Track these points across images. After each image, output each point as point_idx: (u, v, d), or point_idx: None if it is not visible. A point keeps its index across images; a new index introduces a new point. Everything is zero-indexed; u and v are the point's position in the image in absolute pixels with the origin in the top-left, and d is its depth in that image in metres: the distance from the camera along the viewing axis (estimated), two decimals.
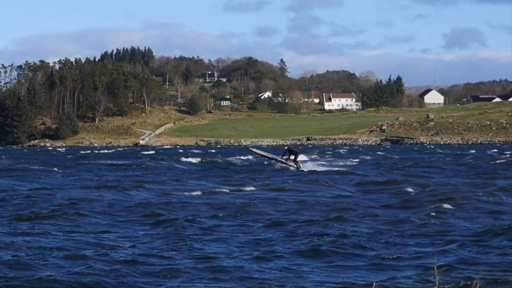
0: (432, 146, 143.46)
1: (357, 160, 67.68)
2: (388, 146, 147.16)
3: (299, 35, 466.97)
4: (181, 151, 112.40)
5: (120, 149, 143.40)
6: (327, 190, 32.48)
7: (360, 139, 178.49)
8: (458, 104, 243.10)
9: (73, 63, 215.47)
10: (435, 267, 12.56)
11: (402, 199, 28.49)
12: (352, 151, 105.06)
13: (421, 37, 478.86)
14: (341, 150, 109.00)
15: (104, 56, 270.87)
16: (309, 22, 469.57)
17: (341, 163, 57.93)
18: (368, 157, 76.34)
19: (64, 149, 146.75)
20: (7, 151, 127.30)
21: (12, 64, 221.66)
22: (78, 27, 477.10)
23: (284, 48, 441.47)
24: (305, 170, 46.92)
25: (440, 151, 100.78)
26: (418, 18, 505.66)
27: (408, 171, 46.96)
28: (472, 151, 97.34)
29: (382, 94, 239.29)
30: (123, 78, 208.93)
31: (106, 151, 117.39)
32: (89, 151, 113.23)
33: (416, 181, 37.13)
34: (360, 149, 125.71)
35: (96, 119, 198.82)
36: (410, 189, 31.87)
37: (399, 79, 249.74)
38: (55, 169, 52.36)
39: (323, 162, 58.17)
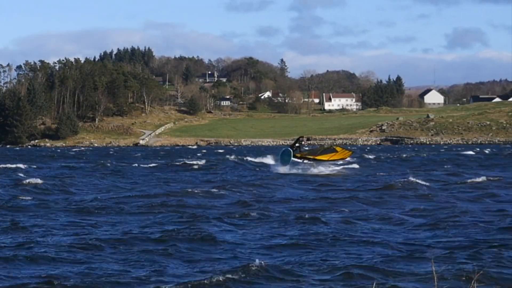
0: (446, 146, 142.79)
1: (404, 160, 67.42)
2: (412, 148, 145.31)
3: (301, 35, 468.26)
4: (204, 151, 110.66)
5: (139, 148, 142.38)
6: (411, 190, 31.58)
7: (360, 139, 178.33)
8: (458, 104, 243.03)
9: (73, 63, 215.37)
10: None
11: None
12: (373, 150, 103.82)
13: (423, 37, 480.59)
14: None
15: (104, 56, 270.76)
16: (311, 22, 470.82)
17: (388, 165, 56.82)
18: (405, 155, 75.67)
19: (82, 148, 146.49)
20: (30, 152, 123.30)
21: (8, 64, 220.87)
22: (79, 27, 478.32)
23: (285, 48, 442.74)
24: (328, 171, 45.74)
25: (471, 152, 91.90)
26: (420, 18, 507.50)
27: (479, 170, 45.44)
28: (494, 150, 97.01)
29: (382, 94, 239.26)
30: (123, 78, 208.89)
31: (139, 153, 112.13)
32: (111, 152, 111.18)
33: (490, 175, 36.18)
34: (379, 147, 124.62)
35: (96, 119, 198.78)
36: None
37: (399, 79, 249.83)
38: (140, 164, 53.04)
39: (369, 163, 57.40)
